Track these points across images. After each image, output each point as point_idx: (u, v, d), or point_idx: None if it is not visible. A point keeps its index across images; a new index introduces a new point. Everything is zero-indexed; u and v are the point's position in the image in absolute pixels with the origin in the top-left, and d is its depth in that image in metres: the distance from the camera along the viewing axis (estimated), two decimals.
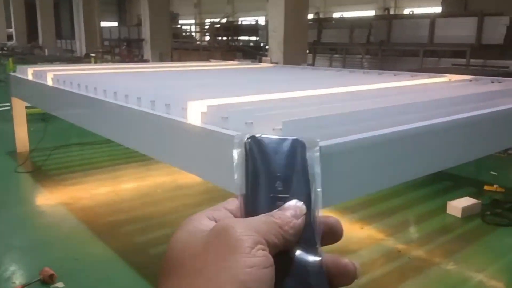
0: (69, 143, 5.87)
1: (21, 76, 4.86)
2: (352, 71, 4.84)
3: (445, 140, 2.37)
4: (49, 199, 3.90)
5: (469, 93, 2.85)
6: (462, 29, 9.06)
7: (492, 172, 4.78)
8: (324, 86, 3.10)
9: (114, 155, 5.26)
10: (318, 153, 0.47)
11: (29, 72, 4.60)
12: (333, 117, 1.98)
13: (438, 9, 13.59)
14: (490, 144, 2.82)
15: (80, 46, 18.18)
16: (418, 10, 14.89)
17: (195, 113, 2.15)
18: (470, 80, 3.71)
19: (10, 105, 5.37)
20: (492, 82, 3.56)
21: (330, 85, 3.14)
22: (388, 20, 10.60)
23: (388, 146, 2.01)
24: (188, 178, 4.23)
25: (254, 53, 13.43)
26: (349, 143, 1.81)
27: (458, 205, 3.60)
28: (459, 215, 3.56)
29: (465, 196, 3.78)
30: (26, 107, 5.43)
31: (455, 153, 2.49)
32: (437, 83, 3.68)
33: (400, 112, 2.24)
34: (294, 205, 0.44)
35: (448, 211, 3.63)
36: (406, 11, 14.26)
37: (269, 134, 0.49)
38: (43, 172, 4.67)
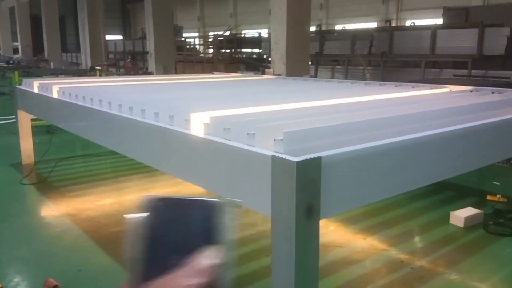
0: (74, 154, 5.93)
1: (27, 89, 4.94)
2: (354, 82, 4.88)
3: (447, 150, 2.39)
4: (53, 210, 3.94)
5: (469, 103, 2.88)
6: (463, 40, 9.14)
7: (494, 182, 4.78)
8: (325, 97, 3.15)
9: (119, 166, 5.30)
10: (230, 215, 0.44)
11: (35, 85, 4.67)
12: (333, 128, 2.01)
13: (439, 21, 13.70)
14: (492, 153, 2.84)
15: (85, 59, 18.37)
16: (419, 22, 14.99)
17: (198, 125, 2.19)
18: (471, 91, 3.74)
19: (16, 118, 5.44)
20: (493, 92, 3.59)
21: (331, 97, 3.18)
22: (389, 31, 10.69)
23: (389, 156, 2.04)
24: (193, 189, 4.25)
25: (257, 65, 13.53)
26: (349, 153, 1.84)
27: (460, 215, 3.61)
28: (461, 225, 3.56)
29: (468, 206, 3.78)
30: (32, 120, 5.50)
31: (457, 163, 2.51)
32: (438, 93, 3.71)
33: (401, 122, 2.27)
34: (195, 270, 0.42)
35: (450, 221, 3.63)
36: (408, 23, 14.36)
37: (180, 195, 0.47)
38: (48, 183, 4.71)
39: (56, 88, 4.07)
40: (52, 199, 4.23)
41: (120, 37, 30.46)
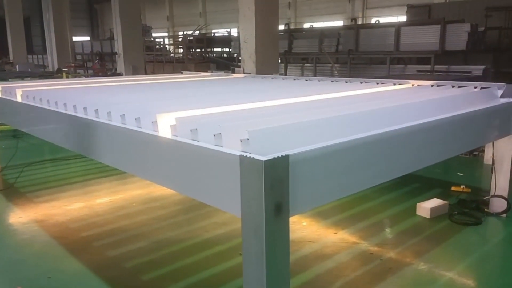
0: (42, 159, 5.79)
1: None
2: (321, 79, 4.95)
3: (411, 143, 2.47)
4: (21, 217, 3.84)
5: (429, 98, 2.98)
6: (426, 37, 9.42)
7: (459, 173, 4.96)
8: (291, 95, 3.18)
9: (88, 169, 5.21)
10: None
11: None
12: (298, 125, 2.05)
13: (403, 18, 14.04)
14: (456, 146, 2.95)
15: (52, 61, 17.86)
16: (384, 20, 15.32)
17: (164, 126, 2.19)
18: (432, 86, 3.86)
19: None
20: (453, 86, 3.72)
21: (297, 95, 3.22)
22: (355, 29, 10.89)
23: (354, 152, 2.09)
24: (164, 190, 4.24)
25: (228, 64, 13.52)
26: (316, 151, 1.88)
27: (426, 206, 3.73)
28: (428, 216, 3.68)
29: (433, 197, 3.91)
30: None
31: (421, 156, 2.59)
32: (400, 89, 3.82)
33: (362, 119, 2.33)
34: None
35: (417, 212, 3.75)
36: (373, 21, 14.66)
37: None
38: (15, 189, 4.59)
39: (20, 91, 3.97)
40: (19, 205, 4.12)
41: (87, 38, 29.78)
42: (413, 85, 3.98)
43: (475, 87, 3.58)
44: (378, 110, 2.51)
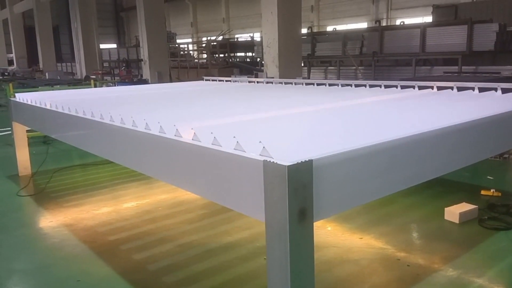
0: (71, 164, 5.94)
1: (21, 101, 4.96)
2: (344, 84, 4.90)
3: (438, 147, 2.42)
4: (51, 221, 3.95)
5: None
6: (453, 37, 9.22)
7: (488, 177, 4.83)
8: (311, 103, 3.18)
9: (116, 174, 5.32)
10: None
11: (29, 97, 4.69)
12: (319, 132, 2.04)
13: (429, 19, 13.79)
14: (485, 149, 2.87)
15: (80, 68, 18.37)
16: (409, 21, 15.09)
17: (188, 133, 2.22)
18: (452, 89, 3.75)
19: (11, 130, 5.45)
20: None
21: (315, 102, 3.21)
22: (379, 31, 10.77)
23: (379, 156, 2.06)
24: (189, 195, 4.29)
25: (251, 68, 13.57)
26: (340, 155, 1.86)
27: (455, 210, 3.64)
28: (456, 220, 3.59)
29: (462, 201, 3.82)
30: (27, 131, 5.52)
31: (449, 160, 2.54)
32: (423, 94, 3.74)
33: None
34: None
35: (445, 217, 3.67)
36: (398, 22, 14.46)
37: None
38: (45, 194, 4.72)
39: (50, 100, 4.10)
40: (49, 209, 4.24)
41: (114, 45, 30.46)
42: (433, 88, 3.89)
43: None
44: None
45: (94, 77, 14.25)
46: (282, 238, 1.67)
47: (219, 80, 6.55)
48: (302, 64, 10.20)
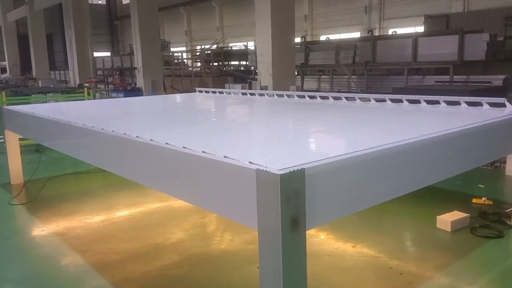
0: (64, 173, 5.91)
1: (13, 109, 4.94)
2: (336, 98, 4.78)
3: (429, 156, 2.45)
4: (43, 230, 3.92)
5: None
6: (445, 47, 9.34)
7: (480, 185, 4.87)
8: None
9: (108, 183, 5.30)
10: None
11: (21, 106, 4.68)
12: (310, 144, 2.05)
13: (420, 29, 13.95)
14: (474, 158, 2.91)
15: (73, 76, 18.31)
16: (401, 30, 15.25)
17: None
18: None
19: (4, 138, 5.42)
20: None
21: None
22: (372, 41, 10.87)
23: (370, 165, 2.09)
24: (182, 202, 4.28)
25: (245, 77, 13.62)
26: (332, 164, 1.88)
27: (447, 219, 3.67)
28: (448, 229, 3.62)
29: (454, 210, 3.85)
30: (20, 139, 5.49)
31: (441, 168, 2.57)
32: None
33: None
34: None
35: (438, 225, 3.69)
36: (390, 32, 14.59)
37: None
38: (38, 202, 4.69)
39: (43, 108, 4.09)
40: (41, 218, 4.21)
41: (108, 54, 30.42)
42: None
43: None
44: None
45: (87, 85, 14.22)
46: (274, 246, 1.68)
47: (212, 92, 6.52)
48: (296, 73, 10.26)
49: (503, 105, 3.52)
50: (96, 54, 21.91)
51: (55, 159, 6.71)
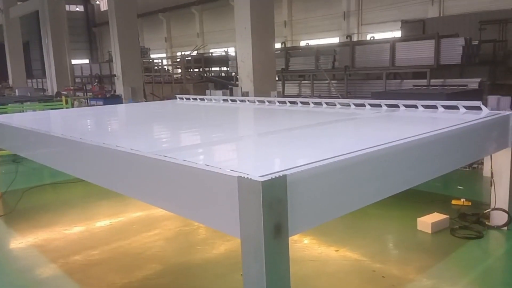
0: (42, 183, 5.78)
1: None
2: (317, 104, 4.83)
3: (409, 159, 2.48)
4: (21, 242, 3.83)
5: None
6: (421, 52, 9.53)
7: (458, 187, 4.96)
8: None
9: (88, 193, 5.20)
10: None
11: None
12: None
13: (398, 34, 14.20)
14: (452, 160, 2.96)
15: (51, 84, 17.98)
16: (379, 35, 15.50)
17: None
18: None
19: None
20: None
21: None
22: (351, 46, 11.01)
23: (351, 170, 2.10)
24: (163, 211, 4.23)
25: (226, 83, 13.62)
26: (313, 170, 1.89)
27: (427, 221, 3.72)
28: (429, 230, 3.67)
29: (434, 211, 3.90)
30: None
31: (420, 172, 2.60)
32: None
33: None
34: None
35: (418, 227, 3.74)
36: (368, 37, 14.81)
37: None
38: (15, 214, 4.58)
39: (19, 118, 4.00)
40: (19, 230, 4.11)
41: (86, 61, 30.04)
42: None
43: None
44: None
45: (65, 93, 13.98)
46: (258, 253, 1.67)
47: (193, 99, 6.48)
48: (277, 78, 10.30)
49: (479, 108, 3.60)
50: (74, 61, 21.63)
51: (33, 169, 6.57)
